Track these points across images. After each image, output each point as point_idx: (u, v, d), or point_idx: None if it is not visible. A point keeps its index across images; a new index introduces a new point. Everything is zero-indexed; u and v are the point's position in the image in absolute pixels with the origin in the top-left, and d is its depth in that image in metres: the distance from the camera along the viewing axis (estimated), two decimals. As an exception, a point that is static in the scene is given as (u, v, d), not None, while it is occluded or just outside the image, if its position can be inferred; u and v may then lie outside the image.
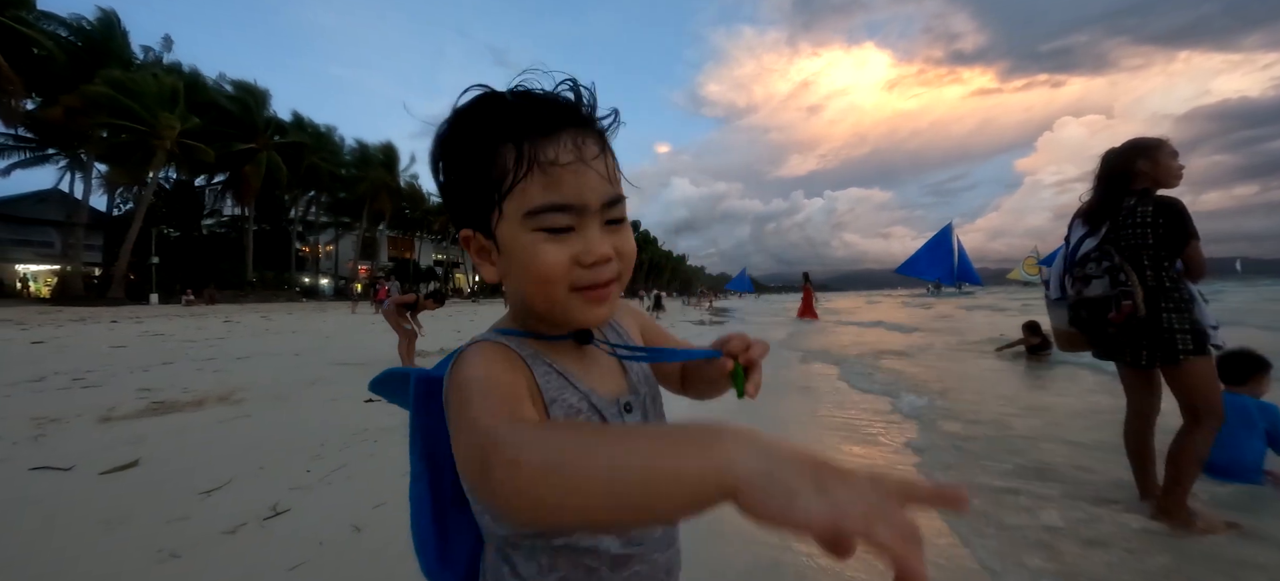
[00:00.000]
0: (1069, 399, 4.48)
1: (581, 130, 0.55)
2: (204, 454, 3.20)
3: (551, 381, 0.59)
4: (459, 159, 0.56)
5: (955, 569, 1.90)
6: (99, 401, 4.65)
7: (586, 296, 0.56)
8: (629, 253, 0.58)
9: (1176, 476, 2.17)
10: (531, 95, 0.55)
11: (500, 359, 0.56)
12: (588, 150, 0.54)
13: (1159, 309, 2.12)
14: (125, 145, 28.38)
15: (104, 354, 8.22)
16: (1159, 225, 2.12)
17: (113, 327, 13.53)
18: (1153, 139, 2.24)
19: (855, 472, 0.31)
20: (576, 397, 0.60)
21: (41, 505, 2.46)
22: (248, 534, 2.16)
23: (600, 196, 0.54)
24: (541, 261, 0.53)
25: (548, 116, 0.53)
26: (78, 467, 2.93)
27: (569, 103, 0.55)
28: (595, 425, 0.58)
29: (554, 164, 0.52)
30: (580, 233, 0.54)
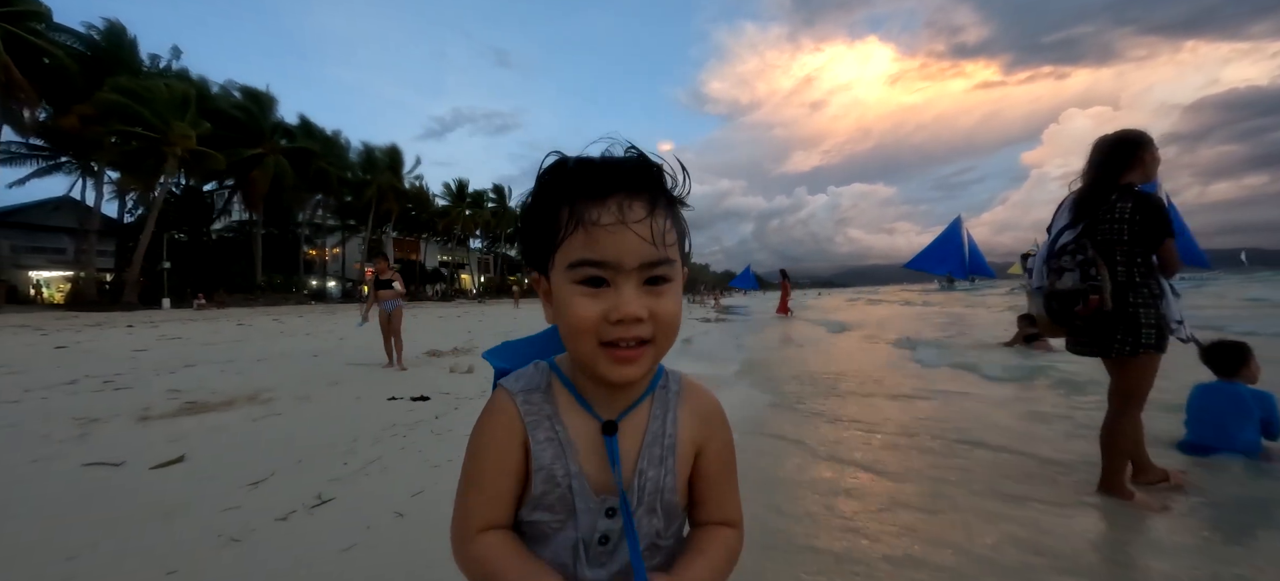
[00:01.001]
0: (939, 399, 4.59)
1: (631, 195, 0.59)
2: (243, 449, 3.37)
3: (547, 451, 0.65)
4: (530, 213, 0.64)
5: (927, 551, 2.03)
6: (133, 402, 4.84)
7: (613, 355, 0.59)
8: (666, 316, 0.60)
9: (1110, 458, 2.35)
10: (589, 161, 0.61)
11: (503, 424, 0.66)
12: (632, 213, 0.58)
13: (1126, 302, 2.22)
14: (137, 152, 28.77)
15: (127, 357, 8.44)
16: (1136, 221, 2.21)
17: (130, 332, 13.79)
18: (1143, 134, 2.33)
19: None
20: (562, 473, 0.65)
21: (101, 498, 2.63)
22: (298, 520, 2.32)
23: (638, 257, 0.58)
24: (574, 312, 0.59)
25: (598, 181, 0.59)
26: (128, 463, 3.10)
27: (621, 169, 0.60)
28: (506, 551, 0.65)
29: (595, 224, 0.57)
30: (614, 290, 0.58)
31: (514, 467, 0.66)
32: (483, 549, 0.64)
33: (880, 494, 2.54)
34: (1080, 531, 2.12)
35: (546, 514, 0.66)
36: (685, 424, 0.70)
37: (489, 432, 0.67)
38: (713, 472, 0.72)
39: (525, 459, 0.66)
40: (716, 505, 0.73)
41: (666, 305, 0.61)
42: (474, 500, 0.66)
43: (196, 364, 7.60)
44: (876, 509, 2.36)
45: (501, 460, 0.66)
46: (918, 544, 2.04)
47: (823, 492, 2.56)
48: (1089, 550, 1.99)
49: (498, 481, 0.66)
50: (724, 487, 0.73)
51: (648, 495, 0.67)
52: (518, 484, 0.66)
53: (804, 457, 3.08)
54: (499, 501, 0.66)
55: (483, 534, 0.65)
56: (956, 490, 2.54)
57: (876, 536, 2.11)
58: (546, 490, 0.65)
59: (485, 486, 0.66)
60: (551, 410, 0.67)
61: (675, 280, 0.62)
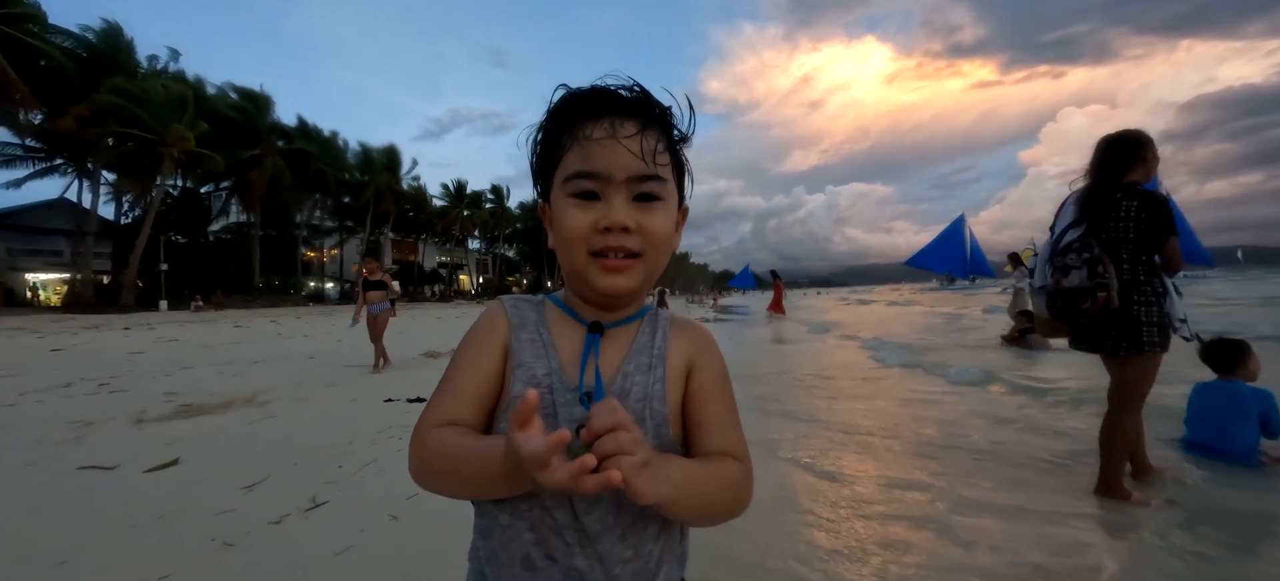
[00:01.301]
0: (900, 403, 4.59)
1: (623, 114, 0.62)
2: (239, 452, 3.35)
3: (528, 349, 0.66)
4: (537, 142, 0.68)
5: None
6: (128, 405, 4.82)
7: (602, 264, 0.62)
8: (654, 230, 0.62)
9: (1109, 458, 2.34)
10: (589, 88, 0.64)
11: (485, 326, 0.69)
12: (623, 129, 0.61)
13: (1131, 301, 2.22)
14: (133, 154, 28.68)
15: (123, 359, 8.41)
16: (1142, 220, 2.21)
17: (127, 334, 13.75)
18: (1144, 133, 2.34)
19: (527, 458, 0.46)
20: (543, 370, 0.64)
21: (95, 501, 2.62)
22: (293, 523, 2.31)
23: (627, 170, 0.61)
24: (567, 222, 0.62)
25: (596, 102, 0.62)
26: (122, 466, 3.09)
27: (618, 93, 0.63)
28: (461, 433, 0.61)
29: (589, 139, 0.61)
30: (604, 201, 0.61)
31: (489, 367, 0.65)
32: (434, 437, 0.61)
33: (845, 497, 2.53)
34: (1072, 535, 2.12)
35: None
36: (675, 342, 0.70)
37: (472, 334, 0.69)
38: (706, 390, 0.68)
39: (503, 361, 0.66)
40: (715, 429, 0.66)
41: (656, 221, 0.63)
42: (440, 398, 0.65)
43: (193, 366, 7.57)
44: (843, 511, 2.36)
45: (477, 359, 0.66)
46: (892, 551, 2.03)
47: (791, 497, 2.55)
48: (1081, 552, 1.99)
49: (468, 379, 0.65)
50: (720, 410, 0.68)
51: (633, 400, 0.64)
52: (490, 386, 0.65)
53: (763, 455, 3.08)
54: (464, 398, 0.64)
55: (439, 428, 0.62)
56: (942, 492, 2.53)
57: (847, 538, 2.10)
58: (524, 389, 0.62)
59: (453, 383, 0.65)
60: (538, 317, 0.69)
61: (666, 200, 0.64)
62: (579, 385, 0.64)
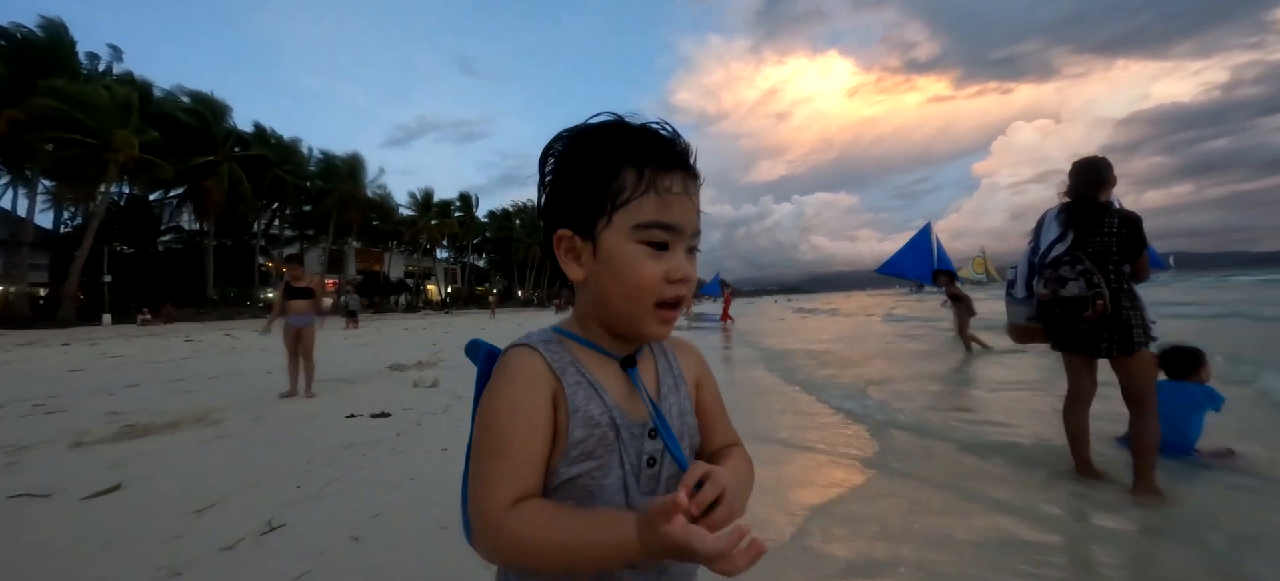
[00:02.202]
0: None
1: (688, 172, 0.67)
2: (188, 475, 3.18)
3: (580, 393, 0.65)
4: (579, 167, 0.66)
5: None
6: (67, 426, 4.53)
7: (660, 316, 0.65)
8: (695, 282, 0.70)
9: (1145, 460, 2.44)
10: (657, 134, 0.66)
11: (529, 378, 0.64)
12: (691, 187, 0.66)
13: (1120, 307, 2.43)
14: (74, 160, 27.08)
15: (62, 378, 7.91)
16: (1123, 235, 2.43)
17: (66, 351, 12.94)
18: (1108, 159, 2.57)
19: (663, 540, 0.52)
20: (599, 411, 0.65)
21: (26, 533, 2.44)
22: (246, 549, 2.20)
23: (693, 226, 0.66)
24: (641, 271, 0.63)
25: (668, 154, 0.65)
26: (57, 494, 2.89)
27: (684, 148, 0.67)
28: (557, 511, 0.60)
29: (669, 190, 0.63)
30: (672, 253, 0.64)
31: (544, 424, 0.62)
32: (524, 522, 0.58)
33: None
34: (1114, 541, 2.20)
35: (589, 462, 0.63)
36: (683, 362, 0.78)
37: (512, 390, 0.63)
38: (712, 402, 0.80)
39: (553, 414, 0.63)
40: (722, 431, 0.80)
41: (696, 271, 0.69)
42: (502, 469, 0.60)
43: (140, 384, 7.18)
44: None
45: (532, 418, 0.62)
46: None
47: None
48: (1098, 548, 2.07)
49: (530, 443, 0.61)
50: (723, 417, 0.81)
51: (675, 419, 0.71)
52: (546, 446, 0.63)
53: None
54: (530, 466, 0.61)
55: (519, 506, 0.59)
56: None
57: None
58: (586, 434, 0.63)
59: (514, 451, 0.60)
60: (572, 357, 0.67)
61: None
62: (650, 418, 0.68)
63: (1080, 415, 2.70)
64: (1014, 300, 2.80)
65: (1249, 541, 2.06)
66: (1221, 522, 2.20)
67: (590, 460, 0.64)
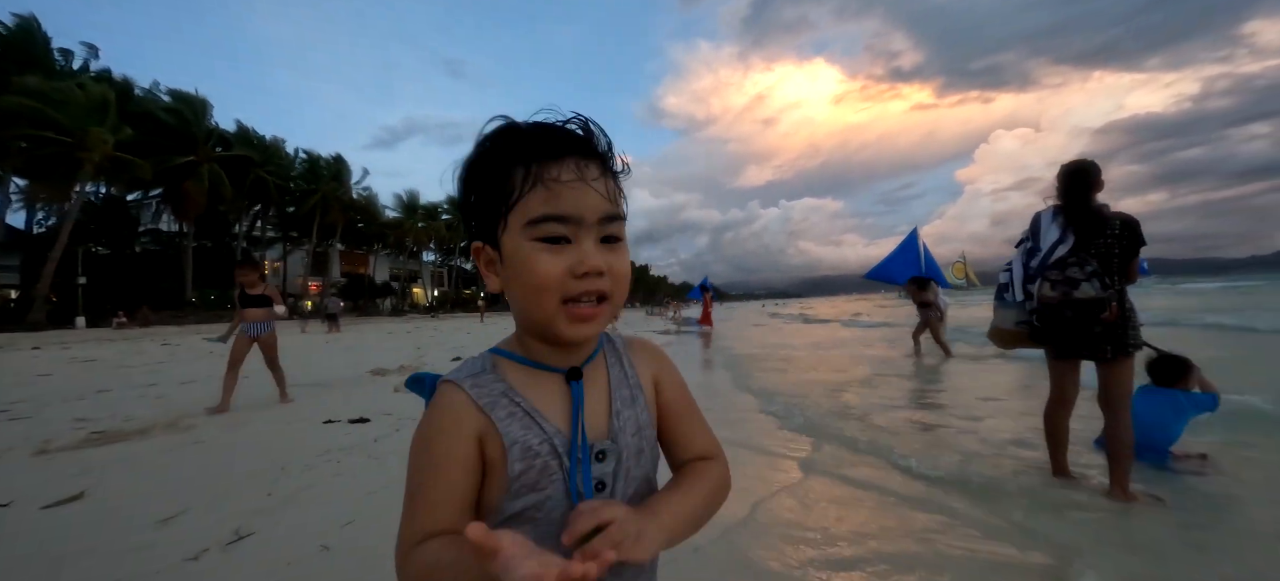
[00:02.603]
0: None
1: (585, 156, 0.62)
2: (155, 482, 3.09)
3: (514, 425, 0.61)
4: (476, 177, 0.64)
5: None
6: (31, 433, 4.38)
7: (572, 313, 0.60)
8: (621, 272, 0.63)
9: (1121, 464, 2.47)
10: (543, 125, 0.62)
11: (450, 418, 0.61)
12: (589, 172, 0.61)
13: (1124, 309, 2.44)
14: (47, 158, 26.36)
15: (29, 383, 7.68)
16: (1124, 237, 2.42)
17: (35, 355, 12.58)
18: (1095, 161, 2.56)
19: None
20: (538, 439, 0.61)
21: (-20, 543, 2.35)
22: (211, 559, 2.14)
23: (597, 212, 0.60)
24: (538, 269, 0.59)
25: (555, 143, 0.61)
26: (16, 503, 2.79)
27: (574, 133, 0.62)
28: (448, 549, 0.56)
29: (556, 181, 0.59)
30: (576, 245, 0.60)
31: (465, 462, 0.60)
32: (421, 561, 0.57)
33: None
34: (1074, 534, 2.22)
35: (532, 494, 0.60)
36: (640, 364, 0.73)
37: (433, 431, 0.62)
38: (677, 404, 0.74)
39: (479, 451, 0.61)
40: (690, 439, 0.74)
41: (621, 261, 0.63)
42: (413, 509, 0.60)
43: (111, 389, 6.99)
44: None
45: (449, 456, 0.60)
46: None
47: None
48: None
49: (446, 480, 0.60)
50: (692, 419, 0.75)
51: (630, 436, 0.67)
52: (472, 481, 0.61)
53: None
54: (447, 505, 0.59)
55: (424, 543, 0.58)
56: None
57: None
58: (525, 466, 0.60)
59: (429, 492, 0.60)
60: (505, 386, 0.64)
61: (624, 239, 0.65)
62: (580, 441, 0.63)
63: (1063, 419, 2.71)
64: (1005, 304, 2.75)
65: (1217, 542, 2.10)
66: (1192, 524, 2.24)
67: (533, 492, 0.61)
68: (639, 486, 0.67)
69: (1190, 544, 2.10)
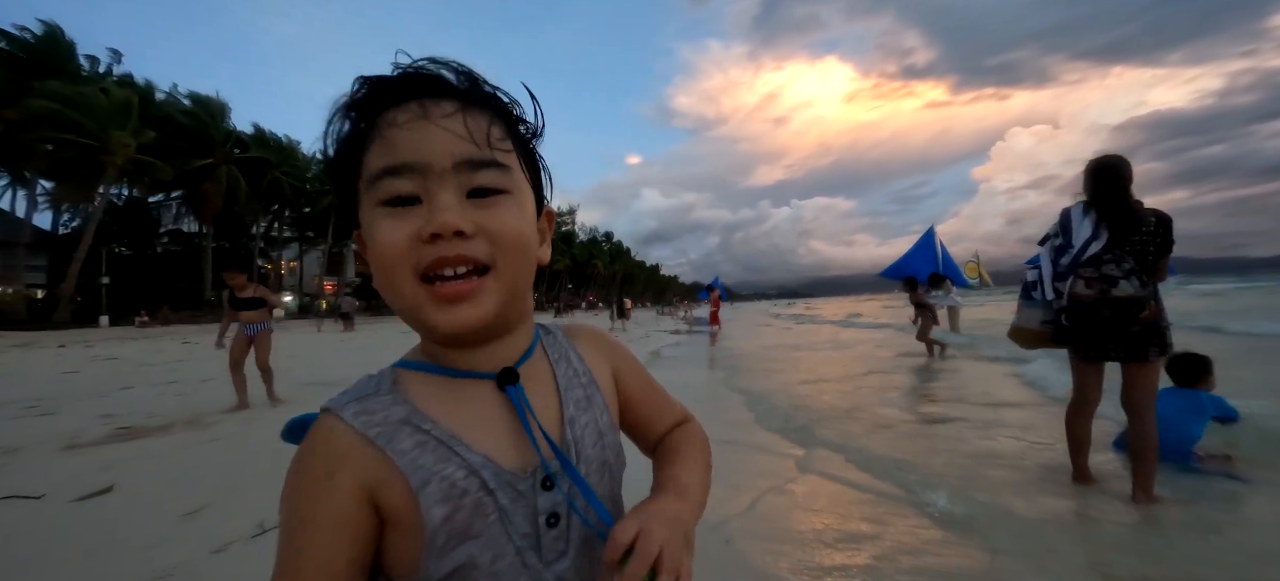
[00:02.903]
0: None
1: (436, 93, 0.47)
2: (179, 477, 3.17)
3: (424, 457, 0.46)
4: (330, 154, 0.50)
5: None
6: (59, 429, 4.52)
7: (438, 293, 0.45)
8: (502, 229, 0.47)
9: (1147, 467, 2.42)
10: (386, 74, 0.48)
11: (321, 470, 0.45)
12: (437, 109, 0.46)
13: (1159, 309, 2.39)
14: (72, 161, 27.08)
15: (56, 380, 7.90)
16: (1158, 235, 2.36)
17: (61, 352, 12.91)
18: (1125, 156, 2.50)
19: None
20: (461, 473, 0.46)
21: (17, 535, 2.43)
22: (237, 552, 2.19)
23: (451, 154, 0.45)
24: (378, 239, 0.45)
25: (399, 86, 0.47)
26: (49, 496, 2.88)
27: (425, 73, 0.48)
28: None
29: (392, 125, 0.46)
30: (426, 203, 0.45)
31: (344, 524, 0.44)
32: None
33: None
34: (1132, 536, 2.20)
35: (465, 545, 0.45)
36: (589, 357, 0.60)
37: (298, 484, 0.45)
38: (640, 387, 0.63)
39: (369, 506, 0.45)
40: (660, 414, 0.65)
41: (502, 217, 0.47)
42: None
43: (134, 386, 7.17)
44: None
45: (320, 518, 0.44)
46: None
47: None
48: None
49: (318, 551, 0.44)
50: (657, 395, 0.65)
51: (589, 446, 0.53)
52: (355, 549, 0.45)
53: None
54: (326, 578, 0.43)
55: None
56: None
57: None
58: (451, 508, 0.45)
59: (296, 565, 0.43)
60: (407, 409, 0.48)
61: (515, 194, 0.48)
62: (542, 463, 0.49)
63: (1085, 423, 2.64)
64: (1032, 302, 2.66)
65: (1249, 546, 2.07)
66: (1222, 529, 2.21)
67: (469, 540, 0.45)
68: (616, 507, 0.55)
69: (1220, 552, 2.07)
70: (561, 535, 0.49)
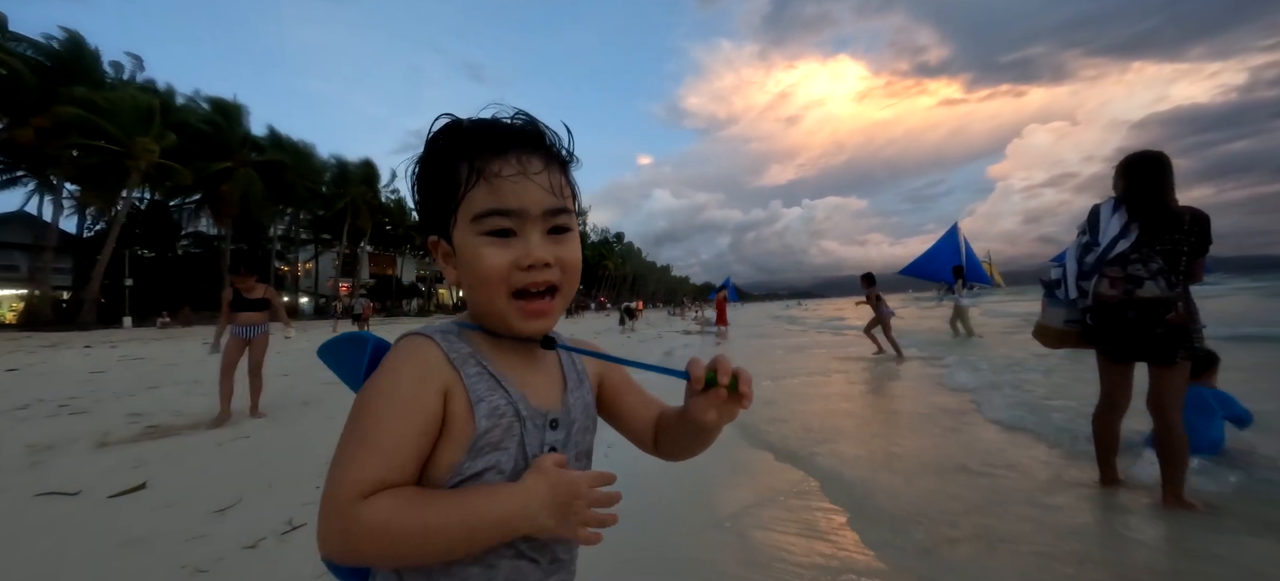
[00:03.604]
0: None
1: (528, 150, 0.63)
2: (209, 475, 3.25)
3: (481, 383, 0.62)
4: (426, 175, 0.66)
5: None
6: (91, 427, 4.63)
7: (525, 308, 0.63)
8: (571, 262, 0.65)
9: (1177, 470, 2.36)
10: (484, 121, 0.64)
11: (420, 366, 0.60)
12: (531, 165, 0.62)
13: (1190, 310, 2.33)
14: (98, 166, 27.72)
15: (84, 379, 8.09)
16: (1193, 234, 2.29)
17: (87, 353, 13.22)
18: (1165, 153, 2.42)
19: (570, 484, 0.60)
20: (503, 401, 0.62)
21: (55, 530, 2.51)
22: (268, 548, 2.24)
23: (541, 205, 0.62)
24: (484, 262, 0.61)
25: (497, 138, 0.63)
26: (84, 492, 2.97)
27: (517, 128, 0.64)
28: (419, 493, 0.57)
29: (497, 176, 0.61)
30: (521, 238, 0.62)
31: (427, 417, 0.58)
32: (378, 509, 0.53)
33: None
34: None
35: (494, 453, 0.61)
36: (584, 359, 0.77)
37: (396, 375, 0.60)
38: (623, 383, 0.80)
39: (442, 408, 0.59)
40: (643, 401, 0.80)
41: (570, 251, 0.65)
42: (365, 456, 0.55)
43: (159, 385, 7.32)
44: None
45: (412, 406, 0.58)
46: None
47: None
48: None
49: (403, 433, 0.56)
50: (638, 390, 0.81)
51: (579, 412, 0.71)
52: (428, 439, 0.58)
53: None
54: (400, 458, 0.56)
55: (377, 496, 0.54)
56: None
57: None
58: (491, 424, 0.61)
59: (383, 439, 0.56)
60: (470, 350, 0.64)
61: (574, 229, 0.66)
62: (551, 410, 0.67)
63: (1114, 425, 2.59)
64: (1056, 301, 2.61)
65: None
66: (1255, 534, 2.16)
67: (495, 451, 0.61)
68: (583, 460, 0.72)
69: (1253, 557, 2.03)
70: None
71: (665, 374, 0.66)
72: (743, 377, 0.58)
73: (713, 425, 0.63)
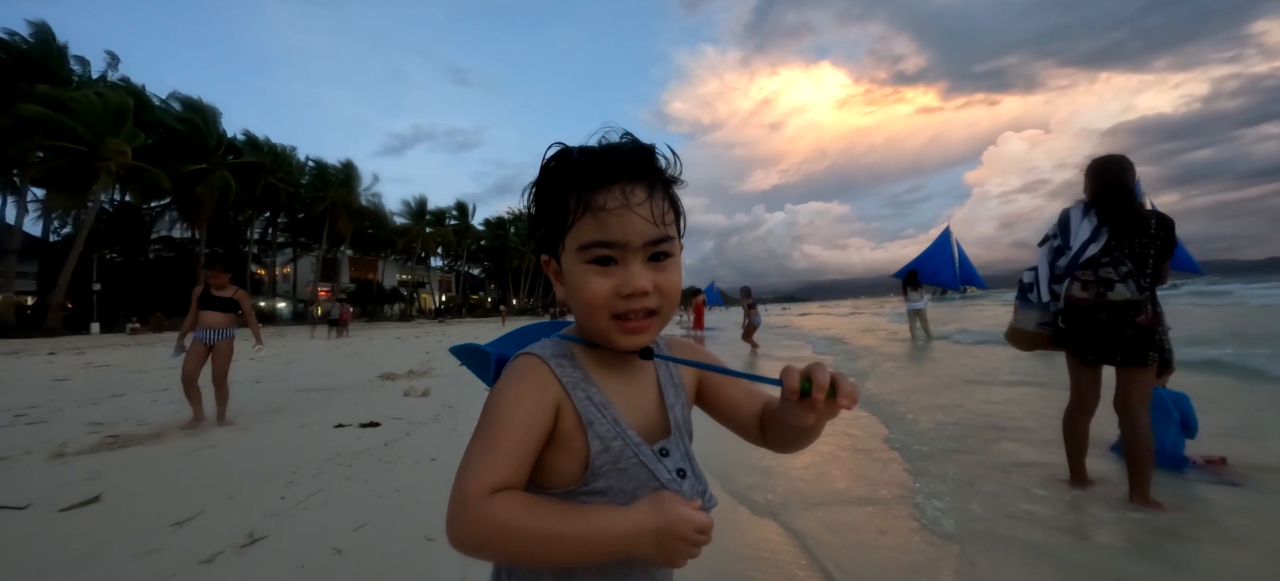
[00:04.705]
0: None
1: (632, 179, 0.66)
2: (170, 486, 3.12)
3: (590, 408, 0.67)
4: (539, 201, 0.71)
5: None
6: (48, 436, 4.44)
7: (624, 326, 0.66)
8: (670, 289, 0.68)
9: (1142, 470, 2.39)
10: (591, 151, 0.68)
11: (536, 385, 0.66)
12: (634, 197, 0.65)
13: (1157, 312, 2.37)
14: (65, 168, 26.84)
15: (46, 387, 7.79)
16: (1159, 237, 2.34)
17: (51, 360, 12.75)
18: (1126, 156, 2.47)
19: (682, 522, 0.61)
20: (609, 428, 0.67)
21: (1, 546, 2.38)
22: (226, 562, 2.16)
23: (643, 237, 0.65)
24: (588, 289, 0.66)
25: (602, 169, 0.66)
26: (35, 505, 2.83)
27: (622, 157, 0.67)
28: (536, 499, 0.63)
29: (602, 209, 0.64)
30: (623, 267, 0.65)
31: (542, 429, 0.65)
32: (502, 507, 0.59)
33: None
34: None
35: (616, 474, 0.66)
36: (681, 371, 0.80)
37: (518, 388, 0.66)
38: (725, 382, 0.80)
39: (554, 420, 0.66)
40: (753, 395, 0.79)
41: (669, 278, 0.68)
42: (491, 458, 0.62)
43: (125, 393, 7.07)
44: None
45: (530, 418, 0.64)
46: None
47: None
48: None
49: (524, 438, 0.63)
50: (742, 382, 0.81)
51: (679, 424, 0.74)
52: (540, 446, 0.65)
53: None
54: (520, 460, 0.63)
55: (499, 494, 0.60)
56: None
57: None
58: (602, 447, 0.66)
59: (507, 442, 0.62)
60: (580, 372, 0.69)
61: (675, 255, 0.69)
62: (667, 426, 0.73)
63: (1083, 425, 2.63)
64: (1029, 304, 2.65)
65: (1246, 549, 2.06)
66: (1218, 532, 2.20)
67: (617, 473, 0.66)
68: (688, 463, 0.74)
69: (1217, 555, 2.07)
70: (685, 485, 0.69)
71: (757, 381, 0.70)
72: (842, 389, 0.58)
73: (812, 427, 0.66)
